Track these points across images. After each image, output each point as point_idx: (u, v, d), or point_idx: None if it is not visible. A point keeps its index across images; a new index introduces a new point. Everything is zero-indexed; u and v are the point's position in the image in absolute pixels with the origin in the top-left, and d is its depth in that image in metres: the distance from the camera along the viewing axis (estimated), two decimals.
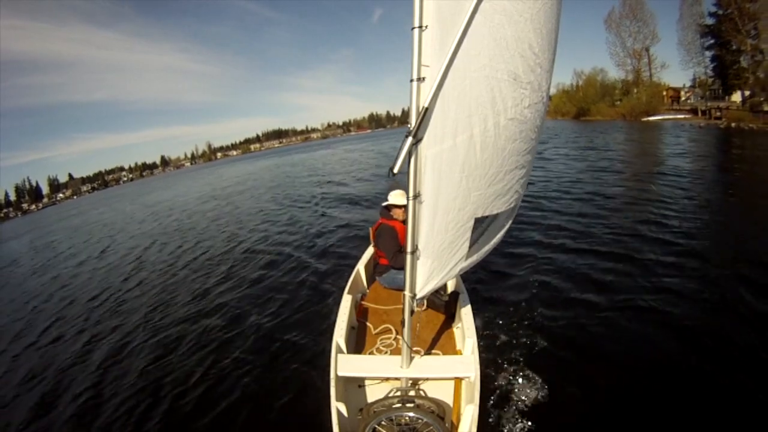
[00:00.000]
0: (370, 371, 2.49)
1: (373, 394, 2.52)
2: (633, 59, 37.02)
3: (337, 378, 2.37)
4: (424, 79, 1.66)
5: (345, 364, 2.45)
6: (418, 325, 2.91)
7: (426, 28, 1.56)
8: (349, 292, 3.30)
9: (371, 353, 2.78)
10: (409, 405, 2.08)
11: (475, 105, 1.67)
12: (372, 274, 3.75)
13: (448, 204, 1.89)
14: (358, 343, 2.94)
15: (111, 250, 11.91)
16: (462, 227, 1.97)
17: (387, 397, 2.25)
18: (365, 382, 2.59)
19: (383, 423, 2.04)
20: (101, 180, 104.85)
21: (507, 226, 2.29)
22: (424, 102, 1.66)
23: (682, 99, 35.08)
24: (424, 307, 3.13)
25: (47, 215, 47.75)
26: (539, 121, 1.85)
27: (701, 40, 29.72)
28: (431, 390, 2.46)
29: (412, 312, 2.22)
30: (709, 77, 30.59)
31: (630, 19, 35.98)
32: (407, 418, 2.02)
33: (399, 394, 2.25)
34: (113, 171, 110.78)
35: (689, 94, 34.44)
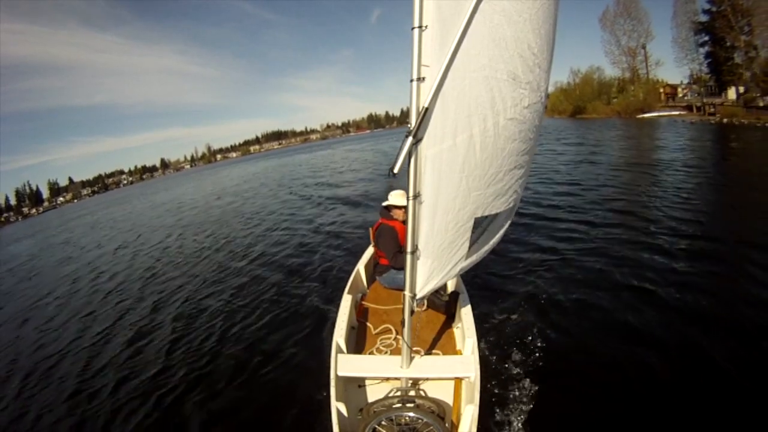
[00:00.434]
0: (370, 371, 2.49)
1: (373, 394, 2.52)
2: (628, 57, 37.29)
3: (337, 378, 2.37)
4: (424, 79, 1.65)
5: (345, 364, 2.45)
6: (418, 325, 2.91)
7: (426, 28, 1.56)
8: (349, 292, 3.29)
9: (371, 353, 2.78)
10: (409, 405, 2.08)
11: (475, 105, 1.66)
12: (372, 274, 3.74)
13: (448, 204, 1.89)
14: (358, 343, 2.93)
15: (140, 241, 12.67)
16: (462, 227, 1.97)
17: (387, 397, 2.26)
18: (365, 382, 2.59)
19: (383, 423, 2.04)
20: (101, 183, 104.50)
21: (506, 226, 2.29)
22: (424, 102, 1.65)
23: (679, 96, 35.27)
24: (424, 307, 3.13)
25: (48, 218, 47.48)
26: (538, 121, 1.85)
27: (695, 37, 30.00)
28: (431, 390, 2.47)
29: (412, 312, 2.22)
30: (704, 74, 30.83)
31: (624, 17, 36.32)
32: (407, 418, 2.02)
33: (399, 394, 2.25)
34: (113, 174, 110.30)
35: (686, 90, 34.64)
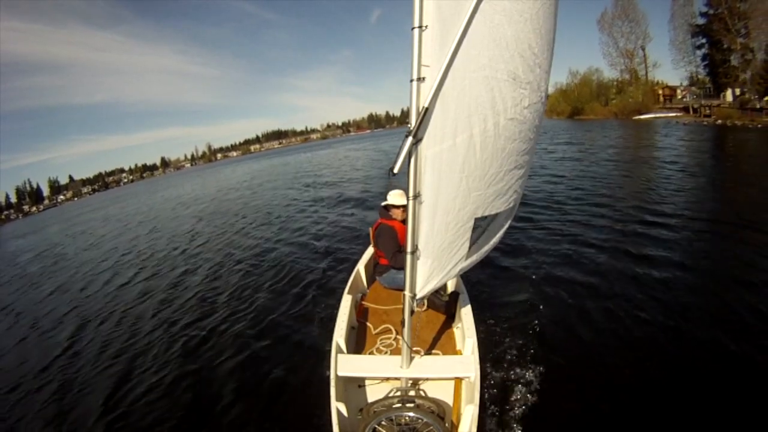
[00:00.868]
0: (370, 371, 2.49)
1: (373, 394, 2.52)
2: (625, 59, 37.54)
3: (337, 378, 2.36)
4: (424, 79, 1.65)
5: (345, 364, 2.45)
6: (418, 325, 2.91)
7: (426, 28, 1.56)
8: (349, 292, 3.29)
9: (371, 353, 2.78)
10: (409, 405, 2.08)
11: (475, 105, 1.67)
12: (372, 274, 3.75)
13: (448, 204, 1.89)
14: (358, 343, 2.93)
15: (156, 231, 13.27)
16: (462, 227, 1.97)
17: (387, 397, 2.25)
18: (365, 382, 2.59)
19: (383, 423, 2.04)
20: (102, 182, 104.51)
21: (506, 226, 2.29)
22: (424, 102, 1.66)
23: (678, 97, 35.51)
24: (424, 307, 3.13)
25: (51, 215, 47.49)
26: (538, 121, 1.86)
27: (692, 40, 30.21)
28: (431, 390, 2.46)
29: (412, 312, 2.22)
30: (700, 76, 31.07)
31: (622, 19, 36.55)
32: (407, 418, 2.02)
33: (399, 394, 2.25)
34: (113, 173, 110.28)
35: (685, 92, 34.87)
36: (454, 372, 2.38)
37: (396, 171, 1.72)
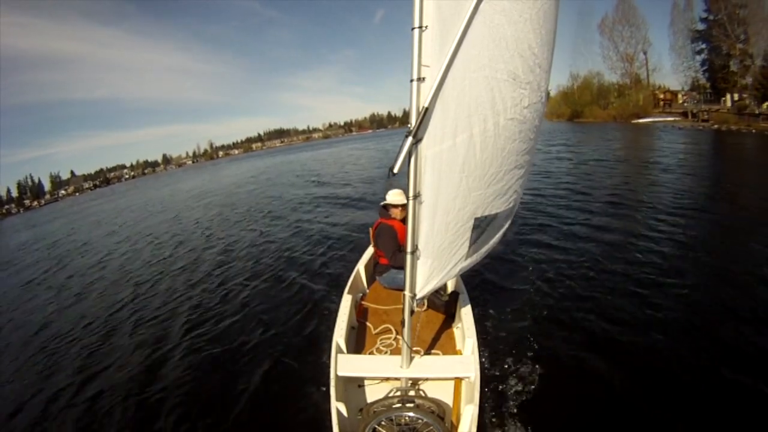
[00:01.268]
0: (370, 371, 2.49)
1: (373, 394, 2.51)
2: (625, 63, 37.76)
3: (337, 378, 2.36)
4: (424, 79, 1.66)
5: (345, 364, 2.44)
6: (418, 325, 2.91)
7: (426, 28, 1.57)
8: (349, 292, 3.29)
9: (371, 353, 2.77)
10: (409, 405, 2.08)
11: (475, 105, 1.68)
12: (372, 274, 3.75)
13: (448, 204, 1.90)
14: (358, 343, 2.93)
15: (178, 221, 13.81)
16: (462, 227, 1.97)
17: (387, 397, 2.25)
18: (365, 382, 2.58)
19: (383, 423, 2.03)
20: (103, 177, 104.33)
21: (506, 226, 2.30)
22: (424, 102, 1.67)
23: (679, 102, 35.67)
24: (424, 307, 3.13)
25: (54, 210, 47.22)
26: (538, 121, 1.87)
27: (692, 45, 30.39)
28: (431, 390, 2.46)
29: (412, 312, 2.22)
30: (700, 81, 31.20)
31: (623, 24, 36.79)
32: (407, 418, 2.02)
33: (399, 394, 2.24)
34: (114, 169, 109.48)
35: (686, 97, 35.05)
36: (454, 372, 2.38)
37: (396, 171, 1.72)
